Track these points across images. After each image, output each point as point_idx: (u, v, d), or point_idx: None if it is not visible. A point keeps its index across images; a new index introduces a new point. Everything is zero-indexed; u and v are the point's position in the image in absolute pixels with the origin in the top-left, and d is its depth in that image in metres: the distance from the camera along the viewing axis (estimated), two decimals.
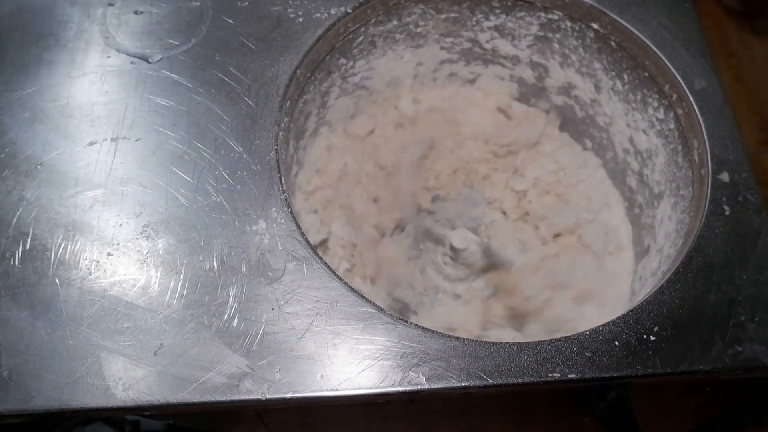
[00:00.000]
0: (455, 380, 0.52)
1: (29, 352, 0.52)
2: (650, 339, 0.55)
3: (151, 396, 0.51)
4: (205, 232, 0.58)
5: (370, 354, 0.53)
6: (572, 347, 0.54)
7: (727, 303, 0.57)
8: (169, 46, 0.69)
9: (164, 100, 0.66)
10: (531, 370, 0.53)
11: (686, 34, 0.71)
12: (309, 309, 0.55)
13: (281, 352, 0.53)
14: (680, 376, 0.54)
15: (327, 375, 0.52)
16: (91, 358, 0.52)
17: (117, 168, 0.62)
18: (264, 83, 0.67)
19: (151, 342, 0.53)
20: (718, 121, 0.66)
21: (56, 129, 0.63)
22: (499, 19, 0.80)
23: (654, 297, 0.57)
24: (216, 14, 0.72)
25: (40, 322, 0.54)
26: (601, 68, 0.78)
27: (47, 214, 0.59)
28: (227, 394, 0.51)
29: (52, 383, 0.51)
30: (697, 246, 0.60)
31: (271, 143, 0.64)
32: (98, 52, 0.69)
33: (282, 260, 0.57)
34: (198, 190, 0.61)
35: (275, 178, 0.62)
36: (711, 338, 0.55)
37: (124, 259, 0.57)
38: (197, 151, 0.63)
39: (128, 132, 0.64)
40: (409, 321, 0.55)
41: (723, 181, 0.63)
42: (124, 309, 0.54)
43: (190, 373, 0.52)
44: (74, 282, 0.55)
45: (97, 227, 0.58)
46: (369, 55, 0.80)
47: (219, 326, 0.54)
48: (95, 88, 0.66)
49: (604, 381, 0.54)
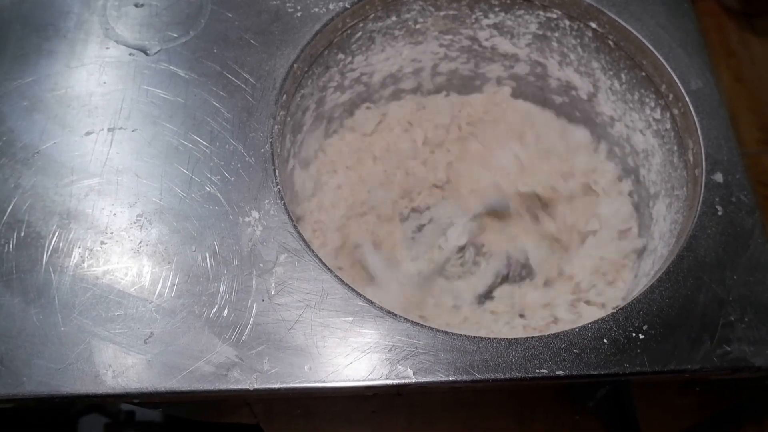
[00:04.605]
0: (443, 374, 0.53)
1: (21, 338, 0.53)
2: (639, 337, 0.55)
3: (140, 383, 0.51)
4: (198, 223, 0.59)
5: (359, 347, 0.54)
6: (561, 344, 0.54)
7: (717, 303, 0.57)
8: (168, 38, 0.70)
9: (161, 92, 0.66)
10: (519, 365, 0.53)
11: (684, 34, 0.71)
12: (299, 301, 0.55)
13: (270, 343, 0.53)
14: (668, 374, 0.54)
15: (315, 367, 0.53)
16: (82, 345, 0.53)
17: (113, 158, 0.62)
18: (261, 77, 0.67)
19: (141, 330, 0.53)
20: (714, 121, 0.66)
21: (54, 118, 0.64)
22: (498, 17, 0.80)
23: (644, 296, 0.57)
24: (215, 7, 0.72)
25: (33, 308, 0.54)
26: (600, 68, 0.78)
27: (43, 203, 0.59)
28: (215, 384, 0.52)
29: (42, 369, 0.52)
30: (689, 246, 0.60)
31: (266, 136, 0.64)
32: (97, 43, 0.69)
33: (274, 252, 0.58)
34: (192, 181, 0.61)
35: (269, 171, 0.62)
36: (700, 337, 0.55)
37: (118, 247, 0.57)
38: (193, 143, 0.63)
39: (125, 123, 0.64)
40: (398, 315, 0.55)
41: (717, 181, 0.63)
42: (115, 297, 0.55)
43: (180, 361, 0.52)
44: (67, 269, 0.56)
45: (92, 216, 0.59)
46: (368, 51, 0.80)
47: (209, 316, 0.54)
48: (93, 78, 0.67)
49: (592, 378, 0.54)
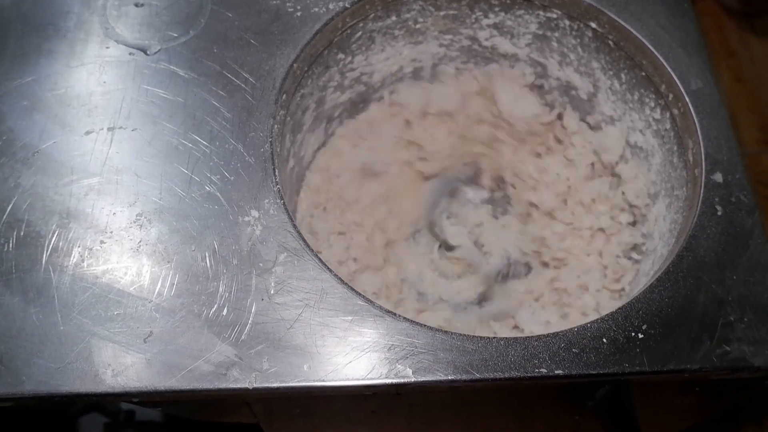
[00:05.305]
0: (442, 374, 0.53)
1: (20, 337, 0.53)
2: (638, 337, 0.55)
3: (139, 383, 0.51)
4: (197, 223, 0.59)
5: (358, 346, 0.54)
6: (560, 343, 0.54)
7: (716, 303, 0.57)
8: (168, 38, 0.70)
9: (161, 92, 0.66)
10: (518, 365, 0.53)
11: (684, 34, 0.71)
12: (298, 300, 0.55)
13: (270, 343, 0.53)
14: (667, 374, 0.54)
15: (314, 366, 0.53)
16: (81, 344, 0.53)
17: (113, 157, 0.62)
18: (261, 76, 0.68)
19: (141, 329, 0.53)
20: (714, 121, 0.66)
21: (54, 118, 0.64)
22: (498, 17, 0.80)
23: (643, 295, 0.57)
24: (215, 7, 0.72)
25: (32, 307, 0.54)
26: (599, 68, 0.78)
27: (42, 202, 0.59)
28: (215, 383, 0.52)
29: (42, 368, 0.52)
30: (689, 246, 0.60)
31: (266, 136, 0.64)
32: (97, 43, 0.69)
33: (273, 251, 0.58)
34: (192, 180, 0.61)
35: (269, 171, 0.62)
36: (699, 337, 0.55)
37: (117, 247, 0.57)
38: (193, 143, 0.63)
39: (125, 122, 0.64)
40: (397, 314, 0.55)
41: (716, 181, 0.63)
42: (115, 296, 0.55)
43: (179, 360, 0.52)
44: (67, 269, 0.56)
45: (92, 215, 0.59)
46: (368, 50, 0.80)
47: (209, 315, 0.54)
48: (93, 78, 0.67)
49: (591, 378, 0.54)
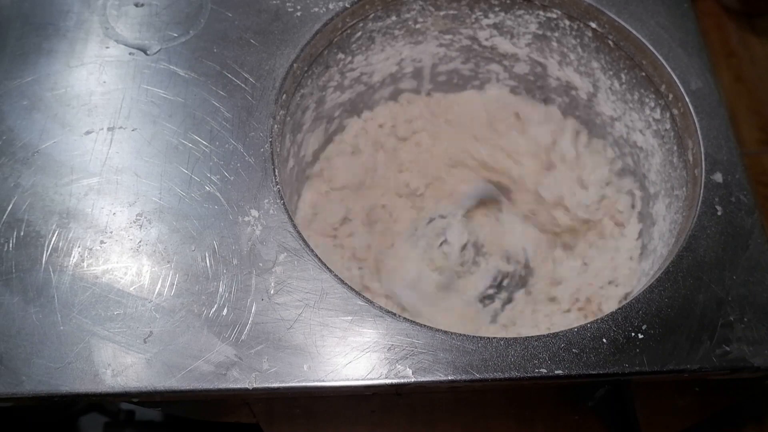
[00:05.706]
0: (442, 374, 0.53)
1: (20, 336, 0.53)
2: (638, 337, 0.55)
3: (139, 383, 0.51)
4: (197, 223, 0.59)
5: (358, 346, 0.54)
6: (560, 343, 0.54)
7: (716, 303, 0.57)
8: (168, 37, 0.70)
9: (161, 91, 0.66)
10: (518, 365, 0.53)
11: (684, 34, 0.71)
12: (298, 300, 0.55)
13: (269, 343, 0.53)
14: (667, 374, 0.54)
15: (314, 366, 0.53)
16: (81, 344, 0.53)
17: (112, 157, 0.62)
18: (261, 76, 0.67)
19: (140, 329, 0.53)
20: (713, 121, 0.66)
21: (54, 118, 0.64)
22: (498, 17, 0.80)
23: (643, 295, 0.57)
24: (215, 7, 0.72)
25: (32, 307, 0.54)
26: (599, 68, 0.78)
27: (42, 202, 0.59)
28: (215, 383, 0.52)
29: (42, 368, 0.52)
30: (688, 246, 0.60)
31: (266, 136, 0.64)
32: (97, 43, 0.69)
33: (273, 251, 0.58)
34: (192, 180, 0.61)
35: (269, 171, 0.62)
36: (699, 337, 0.55)
37: (117, 247, 0.57)
38: (192, 142, 0.63)
39: (125, 122, 0.64)
40: (397, 314, 0.55)
41: (716, 181, 0.63)
42: (115, 296, 0.55)
43: (179, 360, 0.52)
44: (67, 269, 0.56)
45: (91, 215, 0.59)
46: (367, 50, 0.80)
47: (209, 315, 0.54)
48: (93, 78, 0.67)
49: (591, 378, 0.54)
